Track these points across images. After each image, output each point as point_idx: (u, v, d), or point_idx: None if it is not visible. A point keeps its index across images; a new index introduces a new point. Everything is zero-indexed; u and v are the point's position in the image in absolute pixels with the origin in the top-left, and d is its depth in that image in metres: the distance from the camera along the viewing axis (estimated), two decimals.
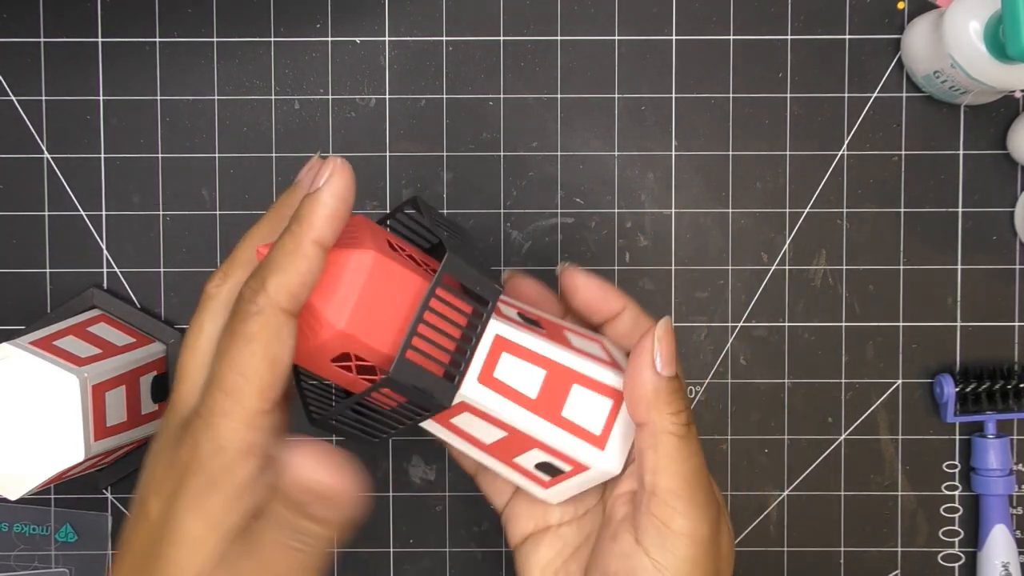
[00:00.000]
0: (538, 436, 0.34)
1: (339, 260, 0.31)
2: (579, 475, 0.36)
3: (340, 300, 0.30)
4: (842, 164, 0.50)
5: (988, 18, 0.43)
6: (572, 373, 0.35)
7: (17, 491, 0.41)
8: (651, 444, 0.34)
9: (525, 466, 0.36)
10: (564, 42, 0.49)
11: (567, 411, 0.35)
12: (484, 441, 0.36)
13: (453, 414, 0.35)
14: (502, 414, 0.34)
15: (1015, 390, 0.49)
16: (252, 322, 0.29)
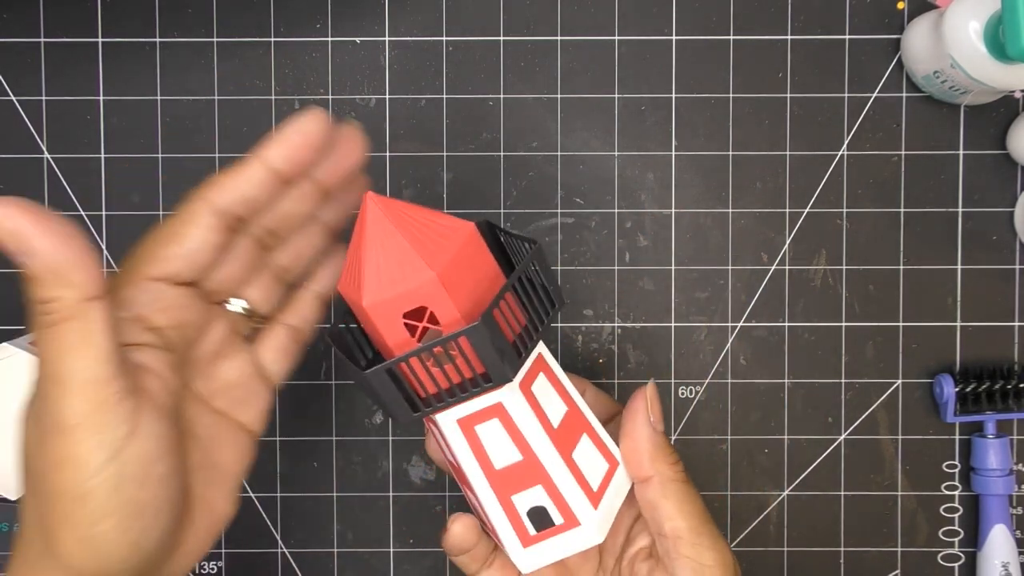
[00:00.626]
0: (549, 468, 0.35)
1: (442, 221, 0.34)
2: (565, 534, 0.36)
3: (439, 252, 0.33)
4: (842, 164, 0.50)
5: (988, 18, 0.43)
6: (585, 422, 0.37)
7: (17, 491, 0.41)
8: (661, 494, 0.37)
9: (519, 509, 0.36)
10: (564, 42, 0.49)
11: (576, 455, 0.36)
12: (496, 464, 0.35)
13: (481, 419, 0.35)
14: (527, 430, 0.35)
15: (1015, 390, 0.49)
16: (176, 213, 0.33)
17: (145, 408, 0.31)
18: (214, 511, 0.35)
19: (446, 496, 0.51)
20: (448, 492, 0.51)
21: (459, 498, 0.50)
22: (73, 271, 0.28)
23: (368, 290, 0.33)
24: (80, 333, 0.29)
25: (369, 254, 0.33)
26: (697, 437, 0.50)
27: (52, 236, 0.28)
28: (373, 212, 0.33)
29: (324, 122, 0.33)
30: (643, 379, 0.50)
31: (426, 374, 0.33)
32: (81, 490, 0.30)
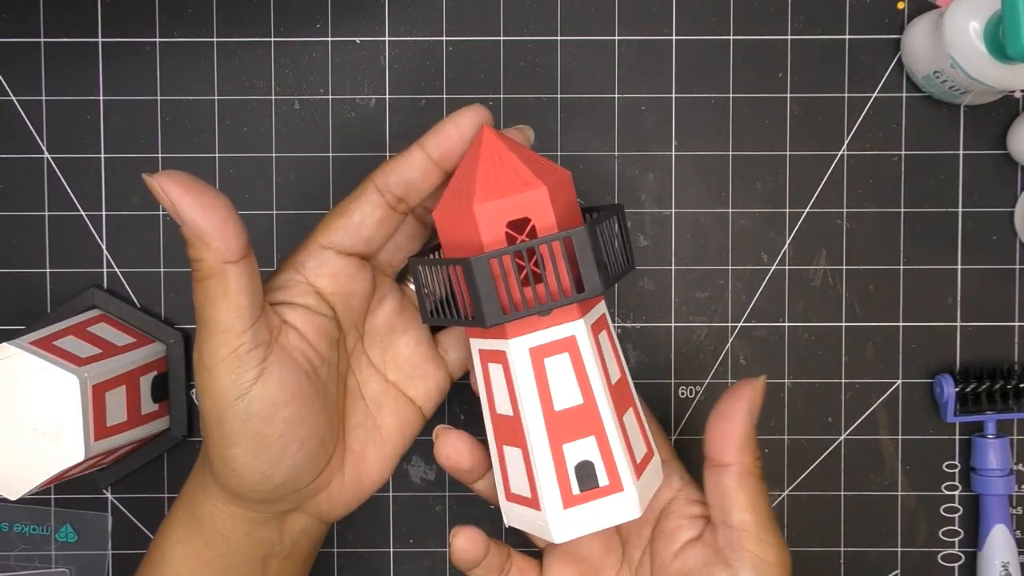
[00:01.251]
0: (604, 420, 0.36)
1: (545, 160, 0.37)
2: (607, 499, 0.36)
3: (547, 175, 0.36)
4: (842, 164, 0.50)
5: (988, 18, 0.43)
6: (633, 398, 0.39)
7: (17, 491, 0.41)
8: (738, 484, 0.38)
9: (568, 460, 0.36)
10: (564, 42, 0.49)
11: (625, 421, 0.37)
12: (556, 404, 0.36)
13: (553, 351, 0.36)
14: (592, 373, 0.36)
15: (1015, 390, 0.49)
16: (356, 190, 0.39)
17: (274, 359, 0.36)
18: (367, 471, 0.40)
19: (446, 496, 0.51)
20: (448, 492, 0.51)
21: (459, 498, 0.50)
22: (212, 238, 0.34)
23: (479, 194, 0.35)
24: (218, 290, 0.34)
25: (483, 169, 0.35)
26: (697, 437, 0.50)
27: (197, 207, 0.34)
28: (490, 138, 0.36)
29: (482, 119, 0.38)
30: (643, 379, 0.50)
31: (520, 278, 0.35)
32: (220, 417, 0.36)
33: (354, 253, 0.39)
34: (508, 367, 0.36)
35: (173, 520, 0.41)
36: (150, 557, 0.41)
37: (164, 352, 0.49)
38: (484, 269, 0.34)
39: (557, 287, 0.35)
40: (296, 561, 0.42)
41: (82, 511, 0.50)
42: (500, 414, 0.38)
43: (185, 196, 0.34)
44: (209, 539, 0.39)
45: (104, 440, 0.43)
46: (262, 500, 0.38)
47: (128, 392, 0.45)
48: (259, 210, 0.50)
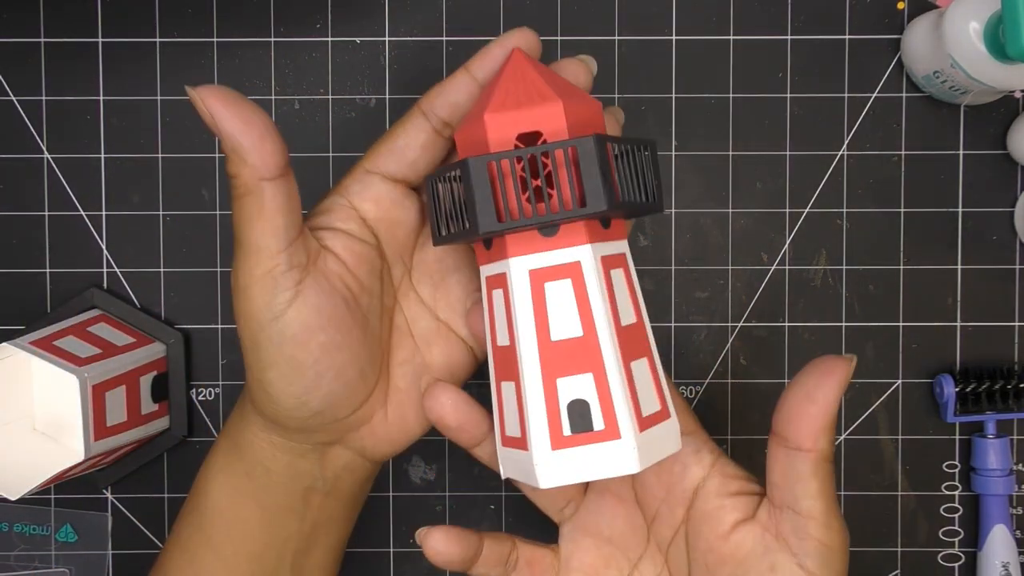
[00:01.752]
0: (606, 357, 0.33)
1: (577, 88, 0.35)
2: (601, 446, 0.33)
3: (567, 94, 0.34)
4: (842, 164, 0.50)
5: (988, 18, 0.43)
6: (649, 347, 0.36)
7: (17, 491, 0.41)
8: (813, 471, 0.35)
9: (561, 397, 0.33)
10: (564, 42, 0.49)
11: (634, 369, 0.34)
12: (553, 334, 0.34)
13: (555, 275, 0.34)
14: (595, 304, 0.33)
15: (1015, 390, 0.49)
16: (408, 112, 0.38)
17: (311, 282, 0.35)
18: (413, 410, 0.39)
19: (446, 496, 0.51)
20: (448, 492, 0.51)
21: (459, 498, 0.51)
22: (249, 153, 0.33)
23: (493, 105, 0.33)
24: (254, 207, 0.33)
25: (503, 85, 0.34)
26: None
27: (236, 121, 0.32)
28: (518, 58, 0.35)
29: (528, 40, 0.36)
30: None
31: (521, 186, 0.33)
32: (254, 339, 0.35)
33: (400, 179, 0.38)
34: (507, 291, 0.34)
35: (216, 450, 0.40)
36: (195, 485, 0.41)
37: (164, 352, 0.49)
38: (481, 170, 0.32)
39: (559, 201, 0.33)
40: (340, 499, 0.40)
41: (82, 511, 0.50)
42: (500, 346, 0.36)
43: (224, 109, 0.33)
44: (249, 469, 0.39)
45: (104, 440, 0.43)
46: (299, 428, 0.37)
47: (128, 392, 0.45)
48: None
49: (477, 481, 0.50)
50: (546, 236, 0.34)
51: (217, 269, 0.50)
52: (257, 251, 0.34)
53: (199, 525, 0.40)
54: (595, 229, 0.34)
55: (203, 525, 0.40)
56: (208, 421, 0.50)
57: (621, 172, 0.33)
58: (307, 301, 0.35)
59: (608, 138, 0.33)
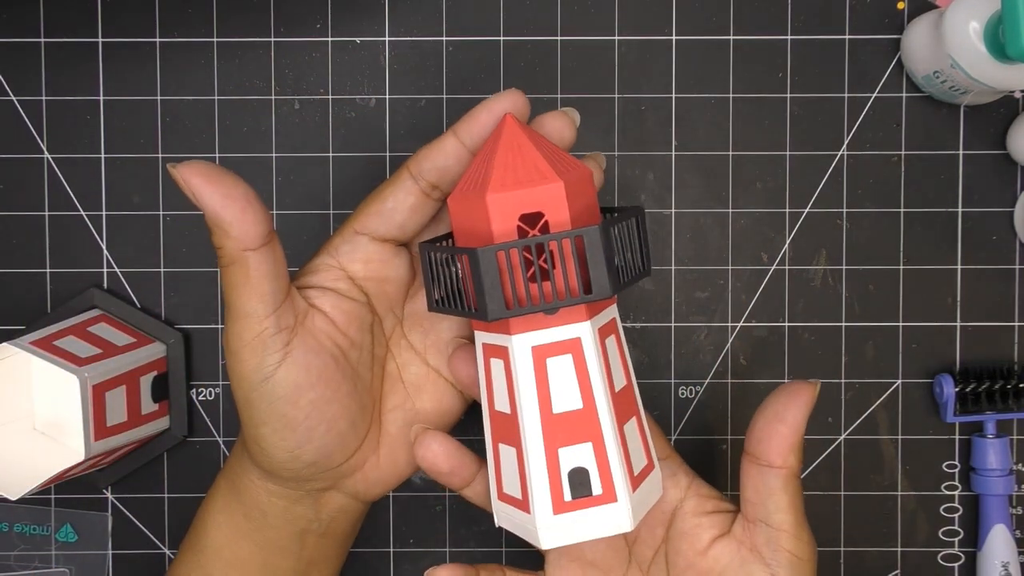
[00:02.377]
0: (603, 427, 0.35)
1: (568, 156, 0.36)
2: (599, 509, 0.35)
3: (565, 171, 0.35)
4: (842, 164, 0.50)
5: (988, 18, 0.43)
6: (637, 408, 0.38)
7: (17, 491, 0.41)
8: (783, 486, 0.38)
9: (562, 465, 0.35)
10: (564, 42, 0.49)
11: (626, 431, 0.36)
12: (555, 407, 0.35)
13: (556, 351, 0.35)
14: (594, 378, 0.35)
15: (1015, 390, 0.49)
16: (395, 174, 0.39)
17: (299, 343, 0.37)
18: (404, 453, 0.41)
19: (446, 496, 0.51)
20: (448, 492, 0.51)
21: (459, 498, 0.50)
22: (232, 227, 0.34)
23: (494, 184, 0.34)
24: (240, 276, 0.35)
25: (501, 159, 0.35)
26: (697, 437, 0.50)
27: (218, 196, 0.34)
28: (512, 128, 0.36)
29: (516, 104, 0.37)
30: (643, 379, 0.50)
31: (528, 275, 0.34)
32: (247, 399, 0.36)
33: (388, 239, 0.39)
34: (509, 364, 0.36)
35: (216, 491, 0.42)
36: (195, 524, 0.42)
37: (164, 352, 0.49)
38: (491, 261, 0.33)
39: (564, 286, 0.34)
40: (334, 538, 0.42)
41: (82, 511, 0.50)
42: (498, 411, 0.37)
43: (206, 186, 0.34)
44: (247, 511, 0.40)
45: (104, 440, 0.43)
46: (293, 478, 0.39)
47: (128, 392, 0.45)
48: None
49: None
50: (547, 314, 0.35)
51: (217, 269, 0.50)
52: (246, 316, 0.35)
53: (198, 563, 0.41)
54: (593, 305, 0.36)
55: (202, 563, 0.41)
56: (208, 421, 0.50)
57: (620, 253, 0.35)
58: (296, 361, 0.36)
59: (611, 223, 0.34)
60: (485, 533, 0.51)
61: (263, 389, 0.36)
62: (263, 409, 0.36)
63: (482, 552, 0.50)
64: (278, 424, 0.37)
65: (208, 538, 0.41)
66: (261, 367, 0.36)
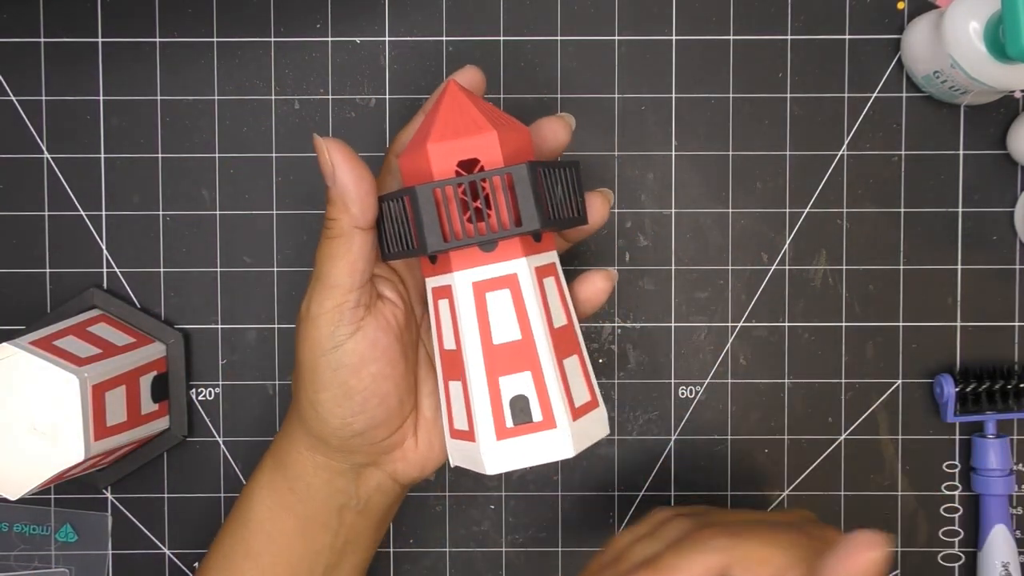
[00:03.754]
0: (541, 356, 0.37)
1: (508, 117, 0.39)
2: (539, 434, 0.37)
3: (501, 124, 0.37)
4: (842, 164, 0.50)
5: (988, 18, 0.43)
6: (578, 345, 0.40)
7: (17, 491, 0.41)
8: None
9: (503, 393, 0.37)
10: (564, 42, 0.49)
11: (567, 365, 0.39)
12: (495, 338, 0.38)
13: (494, 286, 0.38)
14: (531, 310, 0.37)
15: (1015, 390, 0.49)
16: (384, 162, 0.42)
17: (371, 319, 0.39)
18: (439, 437, 0.42)
19: (446, 496, 0.51)
20: (448, 492, 0.51)
21: (459, 498, 0.50)
22: (355, 203, 0.37)
23: (435, 135, 0.37)
24: (341, 248, 0.38)
25: (442, 115, 0.37)
26: (697, 437, 0.50)
27: (353, 174, 0.37)
28: (453, 89, 0.38)
29: (476, 79, 0.41)
30: (643, 379, 0.50)
31: (463, 209, 0.36)
32: (313, 363, 0.39)
33: None
34: (452, 301, 0.38)
35: (261, 467, 0.44)
36: (239, 501, 0.44)
37: (164, 352, 0.49)
38: (428, 197, 0.36)
39: (497, 221, 0.36)
40: (370, 518, 0.43)
41: (82, 511, 0.50)
42: (447, 350, 0.39)
43: (345, 162, 0.37)
44: (292, 484, 0.42)
45: (104, 440, 0.43)
46: (341, 447, 0.41)
47: (128, 392, 0.45)
48: (259, 210, 0.50)
49: (477, 481, 0.50)
50: (486, 252, 0.38)
51: (217, 269, 0.50)
52: (333, 287, 0.38)
53: (242, 536, 0.43)
54: (528, 243, 0.38)
55: (245, 536, 0.43)
56: (208, 421, 0.50)
57: (551, 193, 0.37)
58: (366, 335, 0.39)
59: (539, 164, 0.37)
60: (485, 533, 0.51)
61: (331, 356, 0.38)
62: (327, 375, 0.39)
63: (482, 552, 0.50)
64: (338, 391, 0.39)
65: (252, 512, 0.43)
66: (334, 335, 0.38)
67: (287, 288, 0.50)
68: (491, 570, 0.51)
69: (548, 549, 0.51)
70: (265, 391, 0.50)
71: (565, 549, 0.51)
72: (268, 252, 0.50)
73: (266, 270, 0.50)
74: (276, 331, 0.50)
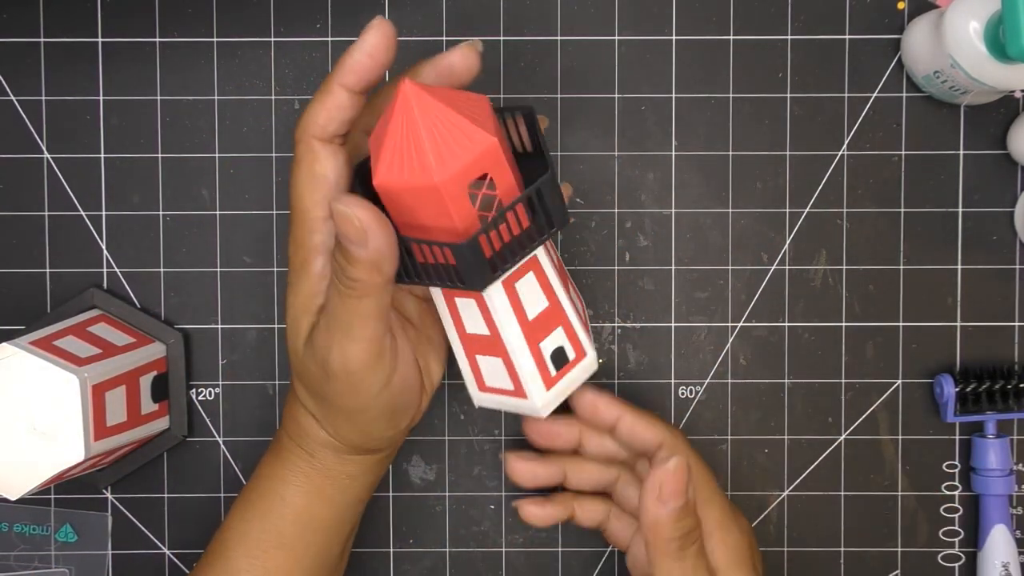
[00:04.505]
0: (565, 307, 0.40)
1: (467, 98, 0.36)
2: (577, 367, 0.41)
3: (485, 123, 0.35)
4: (842, 164, 0.50)
5: (988, 18, 0.43)
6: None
7: (17, 491, 0.41)
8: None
9: (544, 353, 0.40)
10: (564, 42, 0.49)
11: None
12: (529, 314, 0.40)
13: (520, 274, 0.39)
14: (551, 275, 0.40)
15: (1015, 390, 0.49)
16: (295, 150, 0.39)
17: (403, 347, 0.40)
18: (432, 375, 0.43)
19: (446, 496, 0.51)
20: (448, 492, 0.51)
21: (459, 498, 0.50)
22: (387, 264, 0.36)
23: (437, 167, 0.34)
24: (374, 307, 0.37)
25: (427, 135, 0.34)
26: (697, 437, 0.50)
27: (384, 237, 0.35)
28: (420, 96, 0.34)
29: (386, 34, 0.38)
30: (643, 379, 0.50)
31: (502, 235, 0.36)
32: (363, 407, 0.40)
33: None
34: (483, 301, 0.39)
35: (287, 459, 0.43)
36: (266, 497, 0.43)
37: (164, 352, 0.49)
38: (476, 247, 0.35)
39: (533, 230, 0.37)
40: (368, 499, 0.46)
41: (82, 511, 0.50)
42: (472, 333, 0.41)
43: (377, 224, 0.35)
44: (334, 480, 0.43)
45: (104, 440, 0.43)
46: (381, 447, 0.43)
47: (128, 392, 0.45)
48: (259, 210, 0.50)
49: (477, 481, 0.50)
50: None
51: (217, 269, 0.50)
52: (369, 340, 0.37)
53: (274, 525, 0.43)
54: None
55: (279, 526, 0.43)
56: (208, 421, 0.50)
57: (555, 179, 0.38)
58: (403, 365, 0.40)
59: (551, 166, 0.37)
60: (485, 533, 0.51)
61: (381, 396, 0.39)
62: (378, 410, 0.40)
63: (482, 552, 0.50)
64: (392, 415, 0.41)
65: (286, 503, 0.43)
66: (379, 380, 0.39)
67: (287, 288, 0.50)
68: (491, 570, 0.51)
69: (548, 549, 0.51)
70: (265, 391, 0.50)
71: (565, 549, 0.51)
72: (268, 252, 0.50)
73: (266, 270, 0.50)
74: (276, 331, 0.50)
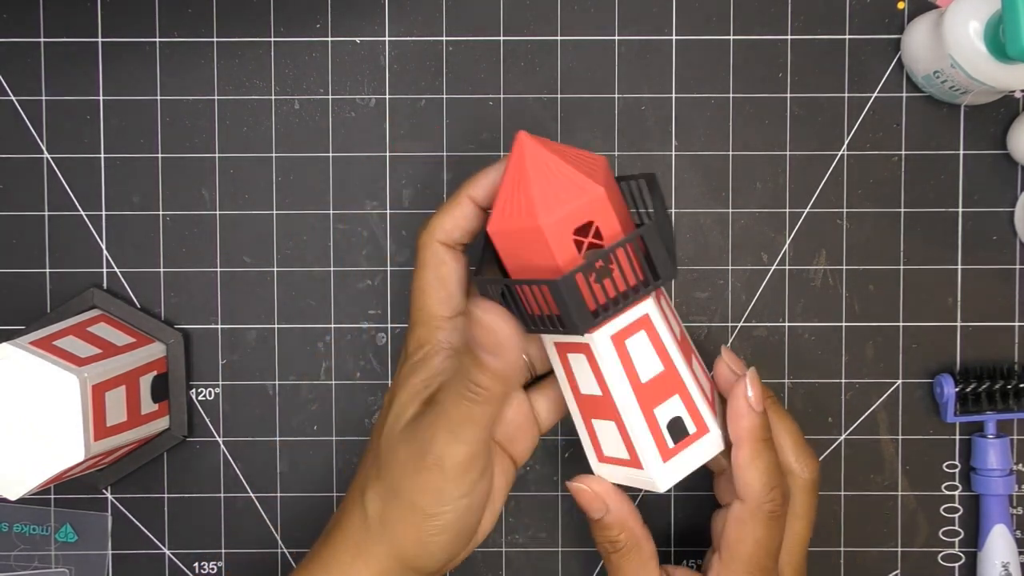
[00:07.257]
0: (683, 375, 0.39)
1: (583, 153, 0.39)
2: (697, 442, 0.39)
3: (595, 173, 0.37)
4: (842, 164, 0.50)
5: (988, 18, 0.43)
6: (691, 343, 0.42)
7: (17, 491, 0.41)
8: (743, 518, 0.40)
9: (660, 421, 0.39)
10: (564, 42, 0.49)
11: (695, 368, 0.41)
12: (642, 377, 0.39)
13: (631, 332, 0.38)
14: (666, 339, 0.39)
15: (1015, 390, 0.49)
16: (420, 254, 0.41)
17: (491, 464, 0.39)
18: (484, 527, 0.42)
19: None
20: None
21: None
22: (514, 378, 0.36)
23: (542, 210, 0.36)
24: (488, 415, 0.37)
25: (536, 181, 0.37)
26: None
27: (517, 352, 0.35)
28: (532, 146, 0.37)
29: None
30: None
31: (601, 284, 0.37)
32: (435, 511, 0.38)
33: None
34: (593, 356, 0.39)
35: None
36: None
37: (164, 352, 0.49)
38: (572, 285, 0.36)
39: (635, 280, 0.37)
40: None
41: (82, 511, 0.50)
42: (586, 394, 0.40)
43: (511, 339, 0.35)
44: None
45: (104, 440, 0.43)
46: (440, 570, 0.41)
47: (128, 392, 0.45)
48: (259, 210, 0.50)
49: None
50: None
51: (217, 269, 0.50)
52: (473, 442, 0.37)
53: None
54: None
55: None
56: (208, 421, 0.50)
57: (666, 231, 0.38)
58: (488, 473, 0.39)
59: (661, 214, 0.38)
60: None
61: (460, 503, 0.38)
62: (449, 522, 0.38)
63: (482, 552, 0.50)
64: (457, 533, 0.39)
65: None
66: (466, 483, 0.38)
67: (287, 288, 0.50)
68: (491, 570, 0.51)
69: (548, 549, 0.51)
70: (265, 391, 0.50)
71: (565, 549, 0.51)
72: (268, 252, 0.50)
73: (266, 270, 0.50)
74: (276, 331, 0.50)
